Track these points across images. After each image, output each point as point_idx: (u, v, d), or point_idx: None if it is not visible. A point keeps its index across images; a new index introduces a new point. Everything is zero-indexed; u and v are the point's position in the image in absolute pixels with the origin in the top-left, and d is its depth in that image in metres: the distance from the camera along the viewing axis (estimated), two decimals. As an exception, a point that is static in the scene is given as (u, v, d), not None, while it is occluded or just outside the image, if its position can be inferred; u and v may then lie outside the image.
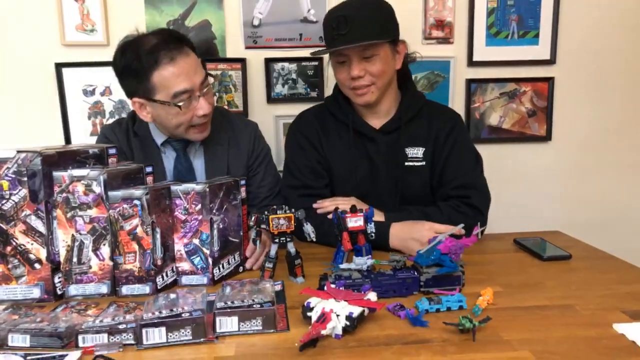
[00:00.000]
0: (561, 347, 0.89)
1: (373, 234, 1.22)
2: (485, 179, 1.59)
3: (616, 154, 2.29)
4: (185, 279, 1.21)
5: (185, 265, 1.21)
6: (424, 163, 1.57)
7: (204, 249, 1.20)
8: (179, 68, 1.38)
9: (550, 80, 2.21)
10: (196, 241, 1.20)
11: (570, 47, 2.19)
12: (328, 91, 2.12)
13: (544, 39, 2.18)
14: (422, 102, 1.61)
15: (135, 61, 1.39)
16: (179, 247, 1.20)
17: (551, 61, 2.19)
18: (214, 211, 1.19)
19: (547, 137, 2.26)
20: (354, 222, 1.21)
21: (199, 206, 1.18)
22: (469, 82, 2.18)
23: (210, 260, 1.20)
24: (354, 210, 1.22)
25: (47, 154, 1.11)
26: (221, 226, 1.22)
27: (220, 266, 1.23)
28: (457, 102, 2.17)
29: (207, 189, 1.18)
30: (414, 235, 1.34)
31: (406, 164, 1.57)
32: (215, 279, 1.21)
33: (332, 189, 1.62)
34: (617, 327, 0.95)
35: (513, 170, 2.26)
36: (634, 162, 2.30)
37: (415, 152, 1.57)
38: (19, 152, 1.09)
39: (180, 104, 1.40)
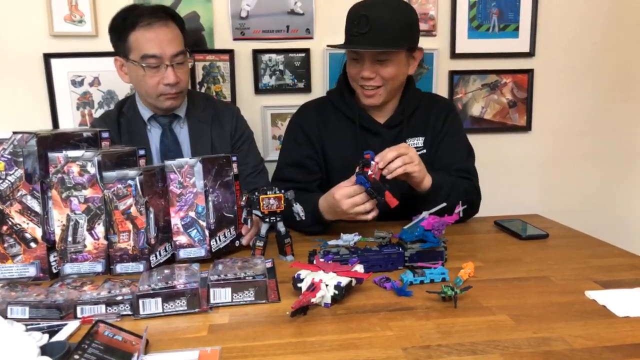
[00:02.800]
0: (536, 310, 0.95)
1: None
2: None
3: (592, 144, 2.37)
4: (182, 252, 1.24)
5: (182, 239, 1.24)
6: (424, 151, 1.62)
7: (200, 221, 1.24)
8: (153, 33, 1.50)
9: (529, 72, 2.28)
10: (192, 214, 1.23)
11: (549, 41, 2.27)
12: (316, 82, 2.18)
13: (523, 32, 2.25)
14: (420, 96, 1.66)
15: (120, 20, 1.54)
16: (175, 220, 1.23)
17: (530, 54, 2.27)
18: (208, 187, 1.23)
19: (527, 127, 2.33)
20: (374, 173, 1.25)
21: (193, 179, 1.22)
22: (452, 73, 2.24)
23: (207, 232, 1.24)
24: (367, 164, 1.25)
25: (43, 135, 1.14)
26: (216, 202, 1.25)
27: (217, 239, 1.26)
28: (440, 93, 2.22)
29: (200, 162, 1.22)
30: (335, 209, 1.34)
31: None
32: (213, 250, 1.24)
33: (329, 182, 1.62)
34: (589, 294, 1.02)
35: (495, 159, 2.32)
36: (608, 151, 2.39)
37: (417, 142, 1.61)
38: (14, 133, 1.12)
39: (144, 65, 1.50)
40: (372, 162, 1.25)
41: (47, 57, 2.02)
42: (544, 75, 2.30)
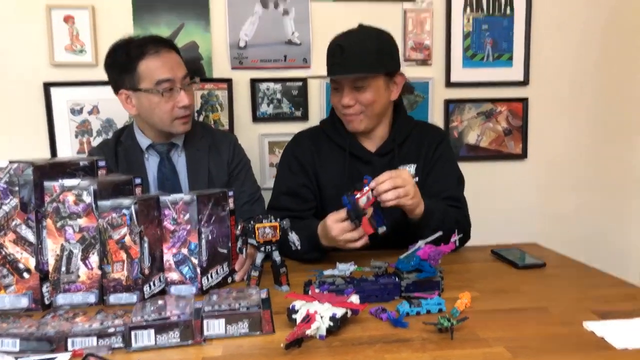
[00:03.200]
0: (533, 342, 0.94)
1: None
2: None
3: (588, 171, 2.39)
4: (174, 289, 1.23)
5: (174, 275, 1.23)
6: (416, 179, 1.62)
7: (193, 259, 1.23)
8: (162, 59, 1.54)
9: (524, 101, 2.31)
10: (185, 251, 1.22)
11: (542, 70, 2.30)
12: (313, 110, 2.20)
13: (517, 62, 2.29)
14: (412, 124, 1.68)
15: (124, 54, 1.55)
16: (167, 257, 1.23)
17: (525, 82, 2.30)
18: (203, 222, 1.23)
19: (523, 155, 2.35)
20: (366, 199, 1.25)
21: (187, 216, 1.22)
22: (447, 102, 2.27)
23: (198, 269, 1.22)
24: (359, 188, 1.26)
25: (39, 164, 1.14)
26: (210, 237, 1.25)
27: (209, 276, 1.25)
28: (436, 122, 2.25)
29: (195, 199, 1.21)
30: (327, 234, 1.35)
31: None
32: (204, 288, 1.23)
33: (323, 210, 1.60)
34: (587, 325, 1.00)
35: (491, 187, 2.33)
36: (605, 179, 2.40)
37: (409, 170, 1.61)
38: (11, 162, 1.12)
39: (161, 90, 1.52)
40: (366, 187, 1.26)
41: (47, 86, 2.05)
42: (539, 103, 2.32)
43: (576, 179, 2.38)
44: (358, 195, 1.26)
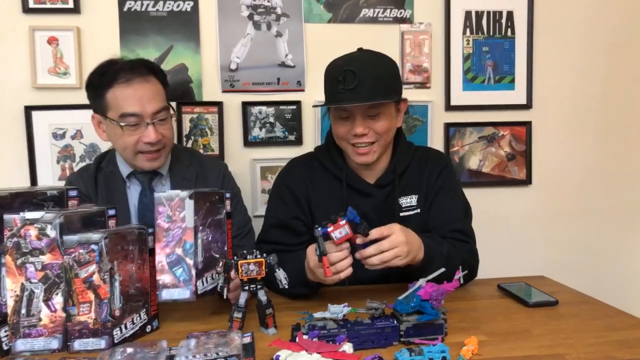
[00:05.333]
0: (553, 402, 0.82)
1: (367, 228, 1.18)
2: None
3: (595, 197, 2.28)
4: (165, 293, 1.15)
5: (166, 278, 1.15)
6: (418, 210, 1.52)
7: (187, 259, 1.14)
8: (132, 91, 1.42)
9: (527, 125, 2.22)
10: (179, 251, 1.14)
11: (546, 93, 2.22)
12: (307, 134, 2.11)
13: (519, 84, 2.21)
14: (412, 151, 1.57)
15: (98, 77, 1.46)
16: (160, 257, 1.15)
17: (527, 106, 2.21)
18: (198, 224, 1.15)
19: (527, 181, 2.24)
20: (339, 233, 1.15)
21: (183, 214, 1.14)
22: (447, 125, 2.18)
23: (193, 271, 1.14)
24: (333, 220, 1.16)
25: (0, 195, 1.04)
26: (205, 239, 1.17)
27: (204, 279, 1.16)
28: (436, 146, 2.15)
29: (193, 195, 1.15)
30: (309, 264, 1.27)
31: (401, 214, 1.50)
32: (199, 292, 1.15)
33: None
34: (611, 379, 0.89)
35: (494, 214, 2.22)
36: (613, 205, 2.29)
37: (409, 201, 1.52)
38: (-33, 193, 1.02)
39: (123, 124, 1.42)
40: (344, 220, 1.16)
41: (29, 109, 1.96)
42: (543, 127, 2.24)
43: (584, 205, 2.27)
44: (330, 229, 1.15)
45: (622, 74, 2.26)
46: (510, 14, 2.18)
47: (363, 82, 1.35)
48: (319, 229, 1.17)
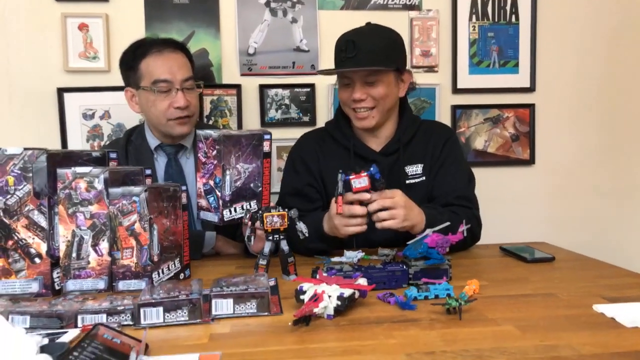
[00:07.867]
0: (543, 322, 0.93)
1: (383, 184, 1.30)
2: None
3: (596, 177, 2.38)
4: (202, 214, 1.37)
5: (203, 202, 1.36)
6: (424, 178, 1.62)
7: (217, 191, 1.31)
8: (163, 60, 1.59)
9: (531, 107, 2.33)
10: (211, 182, 1.32)
11: (549, 76, 2.32)
12: (321, 115, 2.22)
13: (523, 68, 2.32)
14: (418, 123, 1.68)
15: (131, 53, 1.64)
16: (199, 184, 1.36)
17: (531, 89, 2.32)
18: (232, 160, 1.31)
19: (530, 161, 2.35)
20: (358, 183, 1.27)
21: (215, 152, 1.30)
22: (454, 108, 2.29)
23: (220, 201, 1.30)
24: (357, 171, 1.28)
25: (53, 152, 1.17)
26: (239, 174, 1.33)
27: (232, 209, 1.33)
28: (443, 127, 2.26)
29: (222, 137, 1.30)
30: (330, 223, 1.40)
31: (407, 182, 1.60)
32: (225, 219, 1.32)
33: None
34: (597, 307, 1.00)
35: (499, 192, 2.32)
36: (613, 184, 2.39)
37: (415, 170, 1.62)
38: (25, 149, 1.14)
39: (155, 89, 1.57)
40: (364, 174, 1.28)
41: (61, 91, 2.09)
42: (546, 109, 2.34)
43: (584, 184, 2.37)
44: (352, 176, 1.28)
45: (624, 57, 2.35)
46: (514, 1, 2.29)
47: (362, 50, 1.48)
48: (342, 174, 1.29)
